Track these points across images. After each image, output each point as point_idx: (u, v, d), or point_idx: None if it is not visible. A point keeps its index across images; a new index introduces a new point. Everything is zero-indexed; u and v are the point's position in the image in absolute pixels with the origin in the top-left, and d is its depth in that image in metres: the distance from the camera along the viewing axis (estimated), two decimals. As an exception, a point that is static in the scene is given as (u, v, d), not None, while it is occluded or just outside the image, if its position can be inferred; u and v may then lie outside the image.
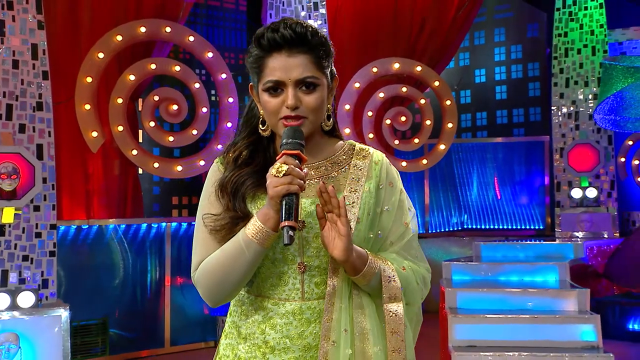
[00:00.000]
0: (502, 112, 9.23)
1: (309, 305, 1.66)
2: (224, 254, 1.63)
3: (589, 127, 8.15)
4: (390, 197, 1.73)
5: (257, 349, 1.67)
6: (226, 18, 9.21)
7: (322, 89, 1.65)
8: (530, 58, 9.19)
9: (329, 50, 1.68)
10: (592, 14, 8.36)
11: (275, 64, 1.61)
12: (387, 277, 1.63)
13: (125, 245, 6.21)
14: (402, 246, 1.72)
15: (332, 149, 1.77)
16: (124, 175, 6.53)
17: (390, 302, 1.63)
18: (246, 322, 1.70)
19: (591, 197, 8.01)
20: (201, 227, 1.72)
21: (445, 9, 7.50)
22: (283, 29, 1.60)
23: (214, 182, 1.74)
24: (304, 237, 1.66)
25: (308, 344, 1.65)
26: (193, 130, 6.27)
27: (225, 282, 1.63)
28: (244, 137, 1.77)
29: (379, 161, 1.76)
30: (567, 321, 5.15)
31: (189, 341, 6.49)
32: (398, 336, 1.61)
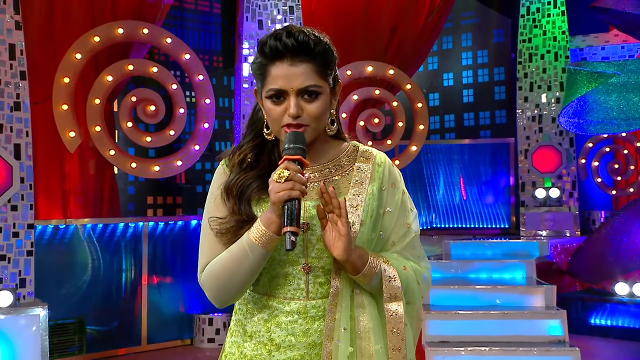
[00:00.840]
0: (469, 114, 9.32)
1: (313, 304, 1.66)
2: (229, 256, 1.63)
3: (552, 130, 8.29)
4: (393, 199, 1.73)
5: (262, 347, 1.67)
6: (200, 20, 9.12)
7: (324, 97, 1.64)
8: (495, 63, 9.31)
9: (332, 57, 1.67)
10: (554, 21, 8.51)
11: (277, 73, 1.61)
12: (387, 276, 1.63)
13: (102, 245, 6.12)
14: (404, 246, 1.72)
15: (335, 151, 1.77)
16: (100, 175, 6.44)
17: (390, 301, 1.63)
18: (252, 321, 1.70)
19: (554, 197, 8.14)
20: (207, 230, 1.71)
21: (416, 15, 7.55)
22: (286, 38, 1.59)
23: (220, 184, 1.73)
24: (308, 239, 1.66)
25: (313, 342, 1.65)
26: (170, 130, 6.21)
27: (231, 284, 1.64)
28: (249, 140, 1.76)
29: (382, 163, 1.76)
30: (535, 317, 5.24)
31: (165, 339, 6.43)
32: (398, 335, 1.61)
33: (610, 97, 6.66)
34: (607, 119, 6.78)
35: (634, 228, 6.82)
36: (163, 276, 6.45)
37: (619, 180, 9.09)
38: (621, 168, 9.01)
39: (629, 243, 6.79)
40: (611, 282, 6.84)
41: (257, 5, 6.44)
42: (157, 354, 6.23)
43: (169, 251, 6.49)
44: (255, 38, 6.40)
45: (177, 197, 8.63)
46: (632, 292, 6.68)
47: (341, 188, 1.71)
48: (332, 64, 1.68)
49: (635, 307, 6.55)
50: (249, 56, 6.37)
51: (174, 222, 6.53)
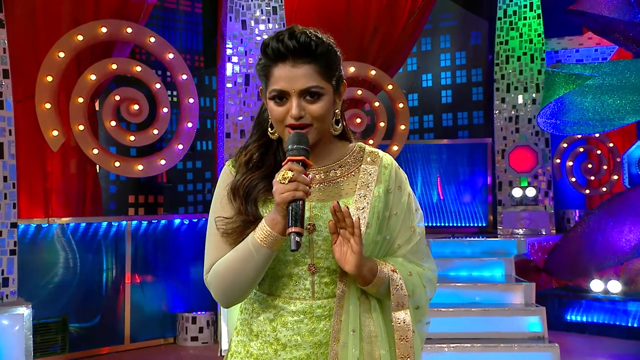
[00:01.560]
0: (447, 115, 9.37)
1: (319, 304, 1.65)
2: (235, 257, 1.63)
3: (528, 130, 8.37)
4: (399, 201, 1.71)
5: (268, 346, 1.67)
6: (182, 20, 9.05)
7: (327, 97, 1.63)
8: (473, 64, 9.36)
9: (335, 57, 1.66)
10: (530, 24, 8.58)
11: (279, 74, 1.60)
12: (395, 285, 1.63)
13: (85, 244, 6.04)
14: (410, 249, 1.71)
15: (341, 152, 1.75)
16: (82, 174, 6.35)
17: (397, 309, 1.63)
18: (257, 320, 1.69)
19: (530, 196, 8.22)
20: (213, 230, 1.71)
21: (397, 16, 7.56)
22: (288, 39, 1.59)
23: (226, 185, 1.72)
24: (314, 240, 1.65)
25: (319, 341, 1.64)
26: (154, 130, 6.15)
27: (236, 285, 1.64)
28: (255, 140, 1.75)
29: (388, 165, 1.74)
30: (515, 313, 5.29)
31: (148, 337, 6.37)
32: (406, 342, 1.61)
33: (585, 99, 6.75)
34: (582, 120, 6.86)
35: (608, 227, 6.92)
36: (146, 275, 6.38)
37: (592, 180, 9.22)
38: (594, 168, 9.14)
39: (604, 241, 6.88)
40: (586, 279, 6.93)
41: (241, 5, 6.40)
42: (140, 353, 6.17)
43: (152, 250, 6.42)
44: (238, 38, 6.37)
45: (158, 196, 8.55)
46: (606, 289, 6.78)
47: (347, 189, 1.70)
48: (336, 65, 1.66)
49: (609, 304, 6.64)
50: (233, 56, 6.34)
51: (157, 221, 6.47)
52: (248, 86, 6.33)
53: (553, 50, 8.86)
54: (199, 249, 6.62)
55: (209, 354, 6.03)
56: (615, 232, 6.86)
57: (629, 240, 6.81)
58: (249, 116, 6.32)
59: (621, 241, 6.83)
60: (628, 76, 6.78)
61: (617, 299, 6.63)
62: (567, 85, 6.03)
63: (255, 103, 6.34)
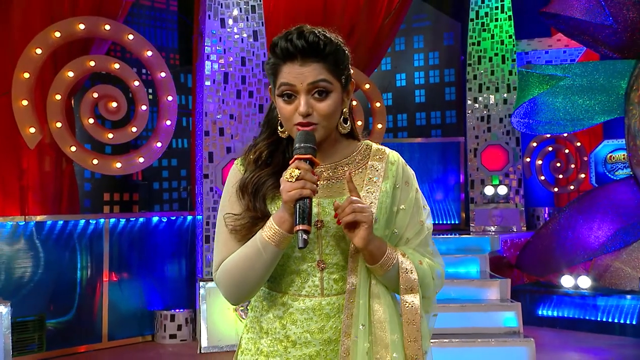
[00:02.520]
0: (421, 114, 9.45)
1: (328, 301, 1.65)
2: (243, 255, 1.62)
3: (500, 130, 8.48)
4: (406, 197, 1.72)
5: (278, 343, 1.66)
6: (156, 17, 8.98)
7: (335, 95, 1.62)
8: (446, 64, 9.46)
9: (343, 56, 1.65)
10: (502, 25, 8.70)
11: (288, 73, 1.60)
12: (404, 268, 1.63)
13: (62, 242, 5.95)
14: (418, 243, 1.72)
15: (348, 150, 1.75)
16: (59, 172, 6.25)
17: (407, 293, 1.63)
18: (267, 317, 1.68)
19: (502, 194, 8.34)
20: (222, 227, 1.70)
21: (374, 15, 7.60)
22: (296, 39, 1.58)
23: (234, 182, 1.72)
24: (322, 236, 1.65)
25: (329, 338, 1.64)
26: (132, 127, 6.08)
27: (245, 282, 1.63)
28: (264, 138, 1.75)
29: (395, 161, 1.75)
30: (491, 309, 5.36)
31: (126, 335, 6.29)
32: (414, 326, 1.61)
33: (557, 99, 6.87)
34: (554, 120, 6.99)
35: (578, 224, 7.05)
36: (124, 273, 6.31)
37: (561, 178, 9.38)
38: (562, 167, 9.30)
39: (574, 238, 7.02)
40: (557, 275, 7.05)
41: (219, 3, 6.36)
42: (118, 351, 6.10)
43: (129, 248, 6.35)
44: (217, 36, 6.32)
45: (134, 193, 8.48)
46: (576, 284, 6.91)
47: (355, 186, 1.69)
48: (344, 64, 1.66)
49: (580, 299, 6.77)
50: (212, 54, 6.29)
51: (135, 218, 6.39)
52: (227, 84, 6.30)
53: (523, 51, 8.99)
54: (176, 246, 6.60)
55: (187, 352, 5.99)
56: (585, 229, 7.00)
57: (598, 237, 6.95)
58: (227, 114, 6.29)
59: (590, 238, 6.98)
60: (597, 77, 6.92)
61: (586, 294, 6.76)
62: (541, 86, 6.13)
63: (233, 101, 6.31)
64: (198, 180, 6.53)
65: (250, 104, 6.35)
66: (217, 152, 6.22)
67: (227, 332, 5.92)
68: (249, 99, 6.35)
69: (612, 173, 9.00)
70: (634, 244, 6.86)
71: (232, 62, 6.34)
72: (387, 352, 1.60)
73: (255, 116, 6.36)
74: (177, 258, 6.65)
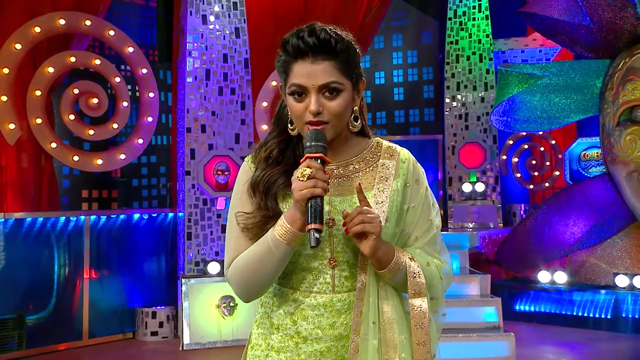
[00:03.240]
0: (399, 112, 9.51)
1: (339, 297, 1.64)
2: (254, 253, 1.62)
3: (477, 128, 8.57)
4: (416, 195, 1.72)
5: (289, 339, 1.65)
6: (136, 13, 8.87)
7: (345, 94, 1.61)
8: (424, 63, 9.52)
9: (354, 54, 1.65)
10: (479, 25, 8.78)
11: (299, 70, 1.59)
12: (412, 272, 1.63)
13: (42, 239, 5.87)
14: (427, 242, 1.72)
15: (359, 148, 1.75)
16: (38, 168, 6.17)
17: (415, 297, 1.63)
18: (277, 313, 1.68)
19: (479, 191, 8.42)
20: (233, 225, 1.69)
21: (354, 14, 7.61)
22: (308, 36, 1.57)
23: (245, 181, 1.71)
24: (334, 234, 1.65)
25: (339, 334, 1.63)
26: (113, 124, 6.02)
27: (256, 280, 1.63)
28: (275, 136, 1.74)
29: (405, 159, 1.75)
30: (472, 304, 5.42)
31: (107, 333, 6.24)
32: (422, 329, 1.61)
33: (534, 98, 6.96)
34: (531, 118, 7.08)
35: (555, 220, 7.16)
36: (104, 270, 6.24)
37: (536, 176, 9.50)
38: (538, 164, 9.43)
39: (550, 234, 7.12)
40: (534, 270, 7.15)
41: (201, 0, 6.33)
42: (98, 348, 6.04)
43: (110, 245, 6.29)
44: (199, 33, 6.29)
45: (112, 190, 8.38)
46: (553, 279, 7.01)
47: (365, 184, 1.69)
48: (355, 62, 1.65)
49: (556, 294, 6.88)
50: (193, 50, 6.26)
51: (116, 215, 6.34)
52: (209, 81, 6.27)
53: (500, 50, 9.08)
54: (157, 243, 6.56)
55: (169, 349, 5.95)
56: (561, 226, 7.10)
57: (574, 234, 7.07)
58: (209, 111, 6.25)
59: (566, 234, 7.09)
60: (573, 76, 7.02)
61: (563, 289, 6.87)
62: (520, 85, 6.20)
63: (215, 98, 6.28)
64: (179, 177, 6.50)
65: (232, 101, 6.33)
66: (198, 149, 6.19)
67: (210, 329, 5.90)
68: (231, 96, 6.33)
69: (585, 170, 9.16)
70: (608, 240, 6.99)
71: (214, 58, 6.31)
72: (395, 353, 1.60)
73: (237, 113, 6.34)
74: (158, 255, 6.61)
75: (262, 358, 1.70)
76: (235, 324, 5.92)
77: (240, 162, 6.23)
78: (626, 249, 6.93)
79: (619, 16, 6.77)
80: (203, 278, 5.97)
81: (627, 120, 6.72)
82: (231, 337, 5.92)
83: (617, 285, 6.66)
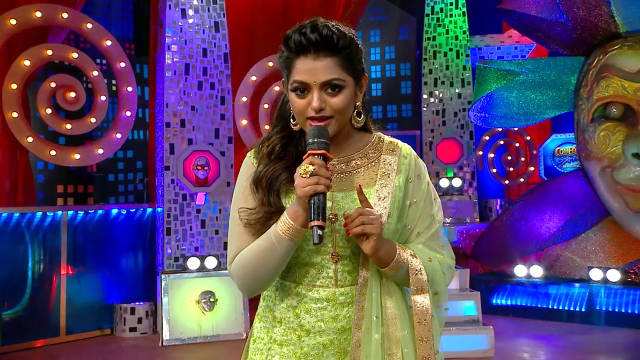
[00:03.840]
0: (377, 107, 9.54)
1: (342, 291, 1.65)
2: (257, 248, 1.63)
3: (454, 123, 8.64)
4: (418, 190, 1.73)
5: (292, 332, 1.66)
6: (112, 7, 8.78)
7: (347, 90, 1.62)
8: (402, 59, 9.56)
9: (356, 50, 1.65)
10: (456, 21, 8.84)
11: (302, 67, 1.59)
12: (414, 270, 1.64)
13: (18, 235, 5.78)
14: (429, 237, 1.72)
15: (361, 143, 1.75)
16: (14, 163, 6.07)
17: (417, 293, 1.64)
18: (280, 307, 1.69)
19: (456, 187, 8.49)
20: (236, 221, 1.70)
21: (333, 10, 7.61)
22: (310, 33, 1.57)
23: (248, 176, 1.71)
24: (337, 230, 1.65)
25: (342, 327, 1.64)
26: (91, 118, 5.95)
27: (259, 275, 1.64)
28: (277, 132, 1.74)
29: (407, 155, 1.75)
30: (452, 298, 5.44)
31: (84, 329, 6.16)
32: (425, 326, 1.62)
33: (511, 94, 7.03)
34: (509, 114, 7.15)
35: (531, 215, 7.25)
36: (82, 266, 6.17)
37: (511, 171, 9.61)
38: (513, 160, 9.53)
39: (527, 229, 7.21)
40: (511, 264, 7.24)
41: (180, -7, 6.27)
42: (76, 345, 5.97)
43: (87, 240, 6.21)
44: (178, 26, 6.23)
45: (88, 185, 8.30)
46: (529, 273, 7.11)
47: (367, 179, 1.70)
48: (357, 58, 1.65)
49: (532, 288, 6.97)
50: (172, 44, 6.20)
51: (93, 211, 6.26)
52: (188, 75, 6.22)
53: (477, 47, 9.16)
54: (135, 239, 6.50)
55: (149, 345, 5.91)
56: (537, 221, 7.20)
57: (549, 228, 7.17)
58: (189, 106, 6.21)
59: (542, 229, 7.18)
60: (548, 73, 7.12)
61: (539, 283, 6.97)
62: (498, 81, 6.26)
63: (195, 93, 6.23)
64: (158, 172, 6.44)
65: (212, 96, 6.29)
66: (178, 144, 6.14)
67: (190, 325, 5.87)
68: (211, 91, 6.29)
69: (559, 166, 9.28)
70: (582, 234, 7.10)
71: (194, 53, 6.26)
72: (398, 348, 1.61)
73: (217, 107, 6.30)
74: (136, 251, 6.55)
75: (265, 351, 1.70)
76: (216, 320, 5.90)
77: (220, 157, 6.20)
78: (600, 243, 7.06)
79: (594, 14, 6.87)
80: (183, 273, 5.94)
81: (601, 117, 6.83)
82: (211, 333, 5.89)
83: (591, 279, 6.78)
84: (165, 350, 5.73)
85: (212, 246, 6.15)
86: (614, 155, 6.74)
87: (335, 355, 1.65)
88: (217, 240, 6.17)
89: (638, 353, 5.75)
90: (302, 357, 1.65)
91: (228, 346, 5.80)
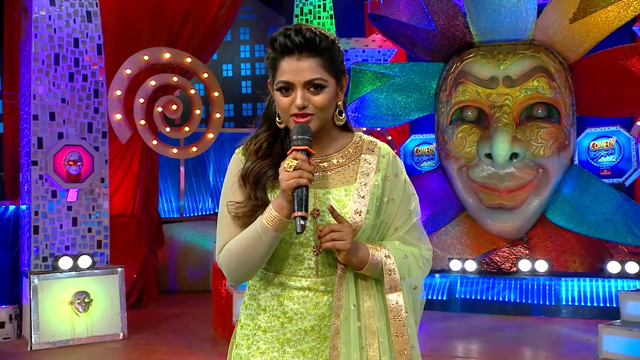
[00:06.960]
0: (247, 105, 9.57)
1: (322, 280, 1.76)
2: (244, 238, 1.74)
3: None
4: (396, 188, 1.83)
5: (275, 319, 1.78)
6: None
7: (329, 89, 1.73)
8: (272, 57, 9.65)
9: (337, 52, 1.76)
10: (324, 23, 9.05)
11: (286, 67, 1.70)
12: (388, 270, 1.75)
13: None
14: (406, 232, 1.84)
15: (343, 142, 1.85)
16: None
17: (391, 292, 1.75)
18: (265, 295, 1.80)
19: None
20: (225, 214, 1.81)
21: (208, 5, 7.54)
22: (294, 35, 1.68)
23: (236, 172, 1.82)
24: (318, 224, 1.74)
25: (323, 314, 1.76)
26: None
27: (246, 264, 1.75)
28: (264, 130, 1.84)
29: (386, 154, 1.85)
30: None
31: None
32: (399, 322, 1.73)
33: (380, 96, 7.39)
34: (378, 115, 7.50)
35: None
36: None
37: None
38: (375, 158, 9.92)
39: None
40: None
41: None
42: None
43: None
44: (46, 14, 5.88)
45: None
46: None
47: (348, 177, 1.80)
48: (338, 59, 1.76)
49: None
50: (39, 33, 5.84)
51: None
52: (58, 66, 5.90)
53: (343, 49, 9.42)
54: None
55: (15, 350, 5.54)
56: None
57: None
58: (59, 98, 5.89)
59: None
60: (413, 77, 7.56)
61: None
62: (373, 83, 6.56)
63: (66, 84, 5.92)
64: (24, 167, 6.06)
65: (85, 88, 6.01)
66: (47, 138, 5.81)
67: (62, 327, 5.59)
68: (83, 83, 6.01)
69: (418, 165, 9.85)
70: (442, 228, 7.61)
71: (64, 43, 5.95)
72: (374, 339, 1.73)
73: (90, 101, 6.03)
74: (-2, 250, 6.12)
75: (251, 337, 1.82)
76: (91, 321, 5.67)
77: (94, 152, 5.95)
78: (457, 236, 7.60)
79: (452, 23, 7.39)
80: (53, 274, 5.63)
81: (459, 119, 7.36)
82: (86, 335, 5.65)
83: (451, 269, 7.28)
84: (34, 354, 5.41)
85: (85, 245, 5.89)
86: (469, 155, 7.28)
87: (316, 340, 1.77)
88: (90, 239, 5.92)
89: (492, 336, 6.24)
90: (285, 342, 1.77)
91: (104, 347, 5.59)
